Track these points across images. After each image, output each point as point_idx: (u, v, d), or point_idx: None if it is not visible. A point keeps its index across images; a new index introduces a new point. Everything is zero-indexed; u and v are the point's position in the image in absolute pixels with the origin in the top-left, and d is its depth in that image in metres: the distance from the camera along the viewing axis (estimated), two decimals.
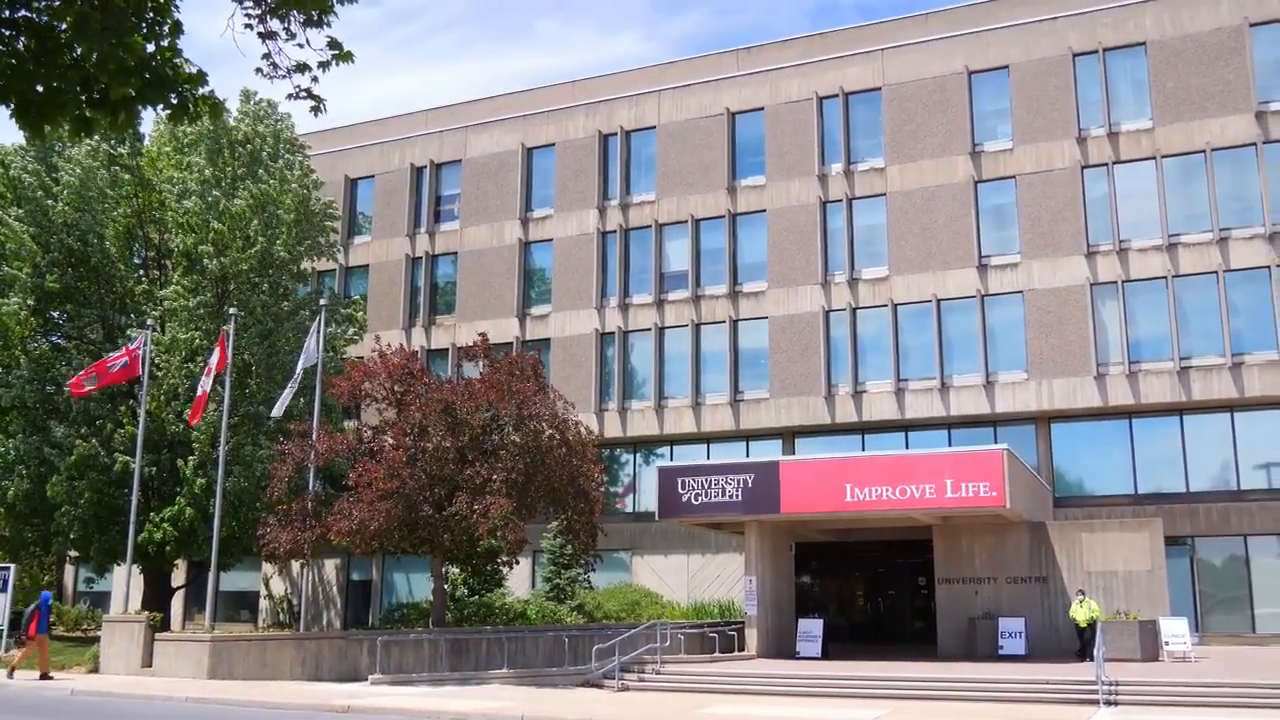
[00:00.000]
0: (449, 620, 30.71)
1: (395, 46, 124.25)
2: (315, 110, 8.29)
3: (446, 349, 43.27)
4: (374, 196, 47.13)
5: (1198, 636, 31.53)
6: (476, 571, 32.58)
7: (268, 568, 43.36)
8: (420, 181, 46.34)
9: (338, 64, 8.45)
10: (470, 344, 31.63)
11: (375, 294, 45.49)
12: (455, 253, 44.98)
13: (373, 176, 47.20)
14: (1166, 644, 27.64)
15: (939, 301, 37.28)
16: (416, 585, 42.02)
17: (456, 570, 33.32)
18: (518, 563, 31.27)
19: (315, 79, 8.21)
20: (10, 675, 27.19)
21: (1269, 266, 33.92)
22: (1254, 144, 34.61)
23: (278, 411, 31.12)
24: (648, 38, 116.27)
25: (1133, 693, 21.38)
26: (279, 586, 44.39)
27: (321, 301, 34.63)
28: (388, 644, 27.11)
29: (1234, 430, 34.63)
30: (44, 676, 27.15)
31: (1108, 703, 21.01)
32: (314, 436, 30.21)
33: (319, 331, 31.88)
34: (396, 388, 29.57)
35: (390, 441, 28.85)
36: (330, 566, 44.29)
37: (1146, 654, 27.14)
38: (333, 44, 8.37)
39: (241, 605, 45.66)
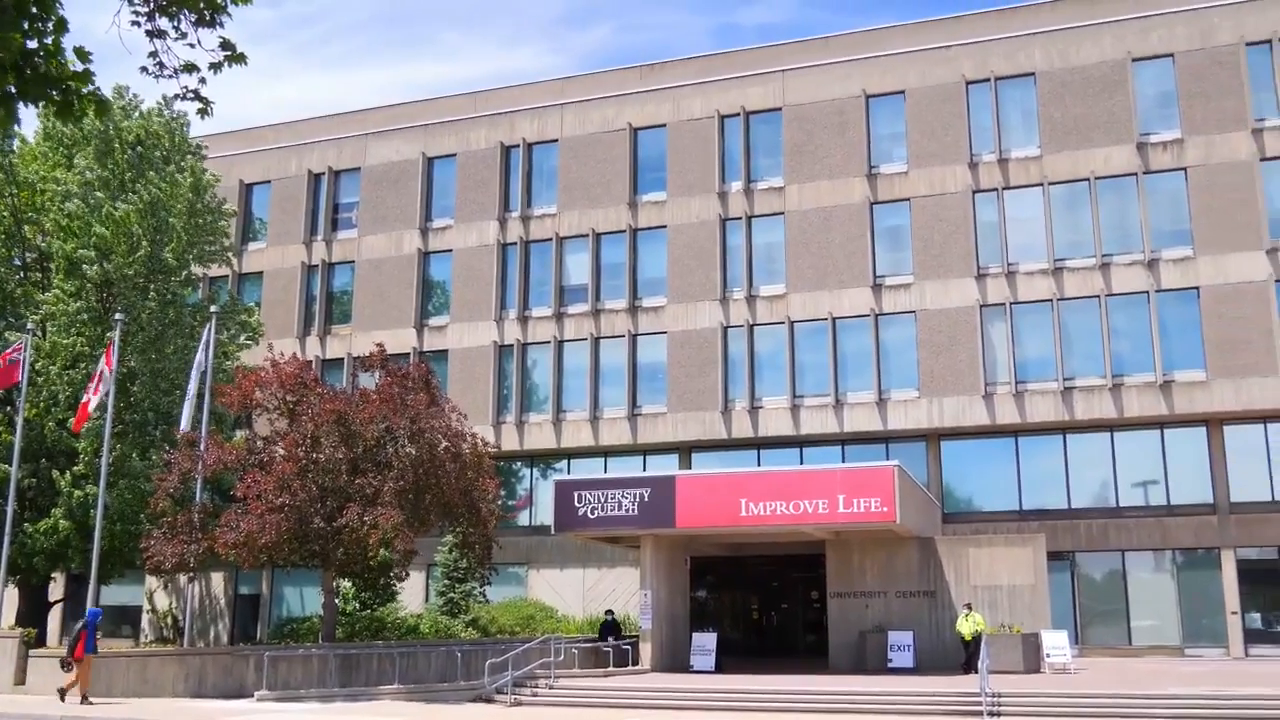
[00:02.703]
0: (340, 635, 30.18)
1: (294, 51, 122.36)
2: (202, 112, 8.14)
3: (342, 359, 42.64)
4: (270, 202, 46.29)
5: (1077, 649, 32.53)
6: (369, 585, 32.09)
7: (152, 581, 42.15)
8: (318, 188, 45.67)
9: (230, 65, 8.31)
10: (367, 354, 31.22)
11: (269, 301, 44.63)
12: (353, 261, 44.39)
13: (269, 182, 46.37)
14: (1048, 656, 28.37)
15: (834, 320, 37.90)
16: (307, 599, 41.27)
17: (348, 584, 32.79)
18: (407, 575, 30.84)
19: (204, 80, 8.06)
20: (63, 699, 25.28)
21: (1147, 292, 35.20)
22: (1135, 174, 35.93)
23: (185, 426, 30.43)
24: (552, 51, 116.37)
25: (1015, 704, 21.90)
26: (163, 601, 43.17)
27: (213, 308, 33.85)
28: (275, 659, 26.52)
29: (1114, 449, 35.82)
30: (84, 699, 25.04)
31: (991, 714, 21.49)
32: (202, 446, 29.49)
33: (209, 339, 31.18)
34: (289, 397, 29.00)
35: (281, 452, 28.31)
36: (217, 580, 43.22)
37: (1029, 666, 27.85)
38: (225, 45, 8.23)
39: (123, 620, 44.23)
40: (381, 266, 43.74)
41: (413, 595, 38.14)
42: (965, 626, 28.03)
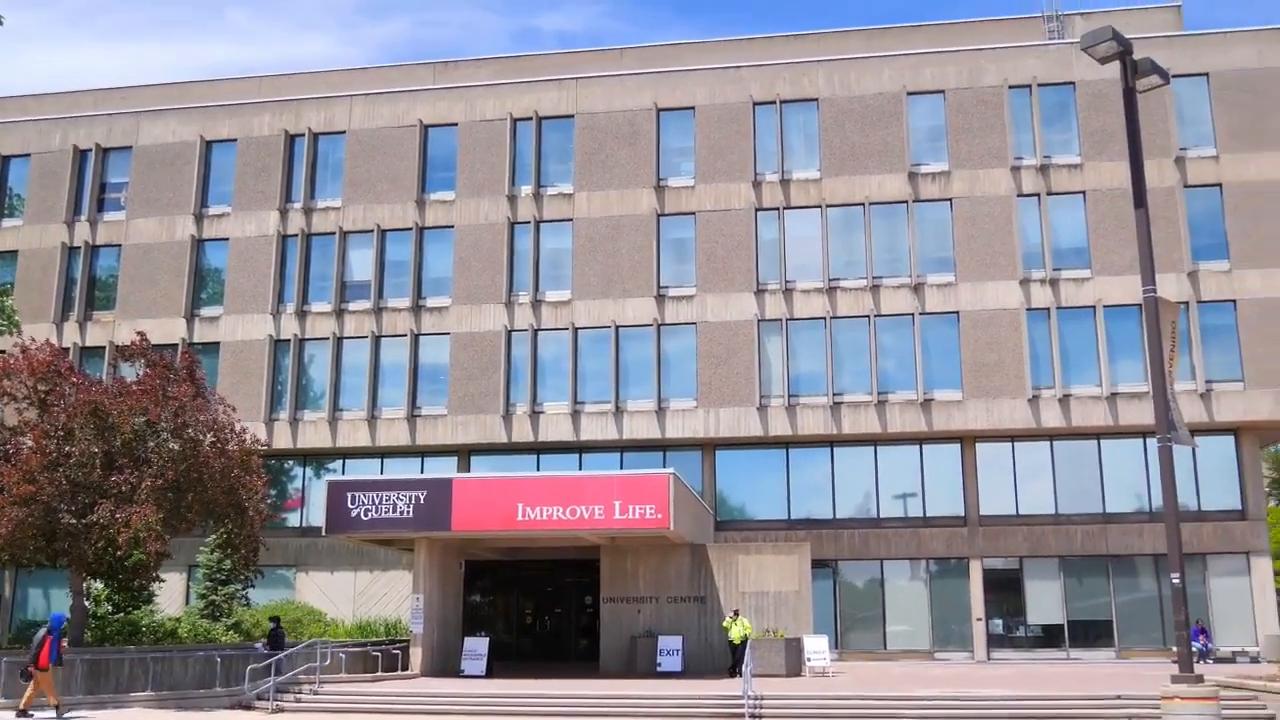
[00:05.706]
0: (89, 639, 28.51)
1: (66, 18, 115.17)
2: None
3: (104, 347, 40.34)
4: (29, 177, 43.37)
5: (837, 653, 34.04)
6: (123, 587, 30.40)
7: None
8: (84, 165, 43.08)
9: None
10: (129, 343, 29.65)
11: (24, 283, 41.78)
12: (119, 245, 42.05)
13: (29, 155, 43.45)
14: (809, 660, 29.50)
15: (618, 328, 38.35)
16: (54, 601, 38.81)
17: (100, 585, 31.03)
18: (160, 579, 29.38)
19: None
20: (23, 713, 22.68)
21: (912, 314, 37.11)
22: (906, 201, 37.83)
23: None
24: (347, 41, 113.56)
25: (775, 707, 22.65)
26: None
27: None
28: (13, 665, 24.81)
29: (876, 463, 37.60)
30: (58, 713, 23.02)
31: (753, 716, 22.18)
32: None
33: None
34: (40, 386, 27.27)
35: (30, 444, 26.57)
36: None
37: (791, 669, 28.89)
38: None
39: None
40: (151, 252, 41.63)
41: (172, 598, 36.46)
42: (734, 631, 28.87)
